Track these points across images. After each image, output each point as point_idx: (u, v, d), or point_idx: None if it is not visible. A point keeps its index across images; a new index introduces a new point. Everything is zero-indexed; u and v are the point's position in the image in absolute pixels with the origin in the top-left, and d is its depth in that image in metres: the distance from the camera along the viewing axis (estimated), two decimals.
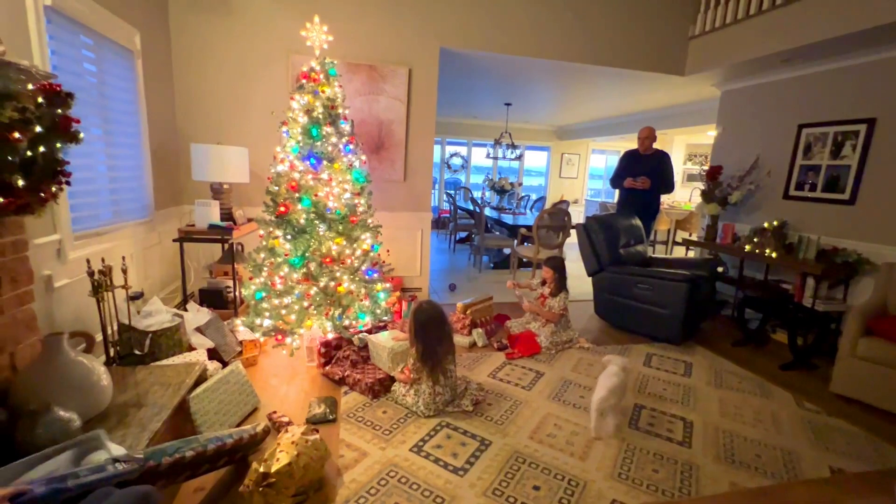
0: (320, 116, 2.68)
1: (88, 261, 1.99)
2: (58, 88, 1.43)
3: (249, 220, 3.20)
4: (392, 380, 2.41)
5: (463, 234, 7.16)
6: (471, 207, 6.68)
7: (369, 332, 2.76)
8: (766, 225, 3.64)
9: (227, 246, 3.11)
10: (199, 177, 2.90)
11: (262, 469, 1.49)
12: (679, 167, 8.17)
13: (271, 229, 2.70)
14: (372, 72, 3.56)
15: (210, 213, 2.84)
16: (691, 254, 5.25)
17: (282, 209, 2.67)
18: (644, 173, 4.19)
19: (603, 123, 7.82)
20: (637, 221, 4.00)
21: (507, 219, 5.99)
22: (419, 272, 4.06)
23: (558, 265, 3.22)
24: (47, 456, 1.21)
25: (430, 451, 1.92)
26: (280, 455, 1.54)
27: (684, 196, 7.64)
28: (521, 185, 9.11)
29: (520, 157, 7.88)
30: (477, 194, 8.14)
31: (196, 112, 3.34)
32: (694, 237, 5.21)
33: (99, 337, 2.12)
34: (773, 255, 3.42)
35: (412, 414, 2.19)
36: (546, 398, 2.44)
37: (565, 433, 2.11)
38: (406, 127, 3.74)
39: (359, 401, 2.30)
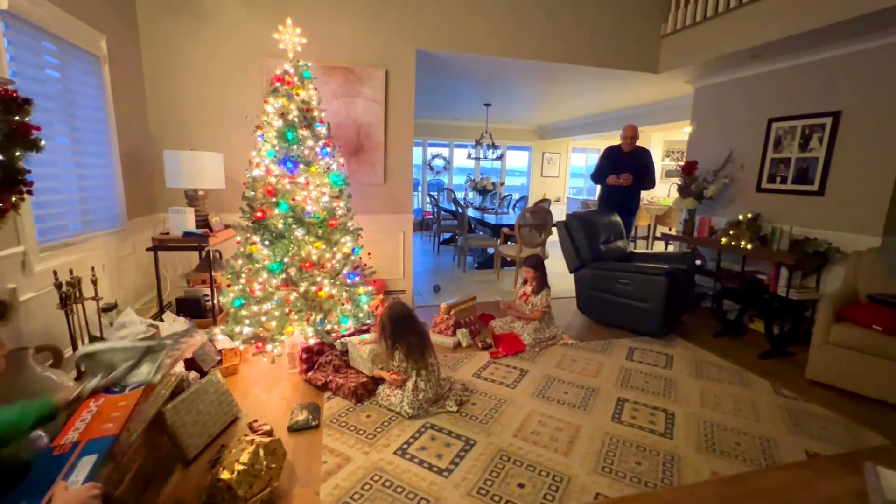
0: (295, 119, 2.65)
1: (55, 272, 1.93)
2: (13, 94, 1.39)
3: (227, 227, 3.14)
4: (375, 383, 2.39)
5: (447, 236, 7.16)
6: (454, 208, 6.68)
7: (352, 335, 2.73)
8: (740, 217, 3.72)
9: (203, 253, 3.05)
10: (174, 184, 2.84)
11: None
12: (657, 163, 8.31)
13: (249, 235, 2.66)
14: (348, 74, 3.54)
15: (185, 221, 2.78)
16: (671, 248, 5.35)
17: (259, 214, 2.63)
18: (626, 170, 4.25)
19: (582, 122, 7.92)
20: (616, 217, 4.06)
21: (490, 219, 6.01)
22: (402, 274, 4.04)
23: (537, 263, 3.24)
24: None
25: (415, 453, 1.91)
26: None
27: (663, 192, 7.77)
28: (503, 184, 9.17)
29: (501, 158, 7.92)
30: (460, 195, 8.16)
31: (169, 118, 3.27)
32: (673, 231, 5.30)
33: (69, 351, 2.05)
34: (748, 246, 3.50)
35: (396, 416, 2.18)
36: (530, 395, 2.44)
37: (549, 430, 2.12)
38: (384, 129, 3.72)
39: (342, 406, 2.28)
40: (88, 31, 2.48)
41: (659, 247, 6.79)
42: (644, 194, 7.93)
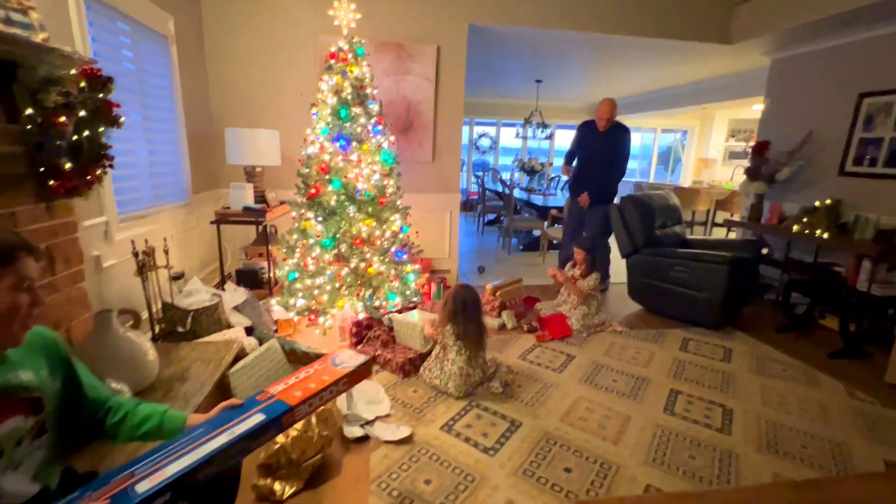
0: (349, 97, 2.67)
1: (133, 242, 2.08)
2: (99, 73, 1.47)
3: (282, 203, 3.26)
4: (422, 359, 2.43)
5: (491, 217, 7.08)
6: (499, 189, 6.58)
7: (399, 312, 2.78)
8: (817, 204, 3.41)
9: (260, 228, 3.18)
10: (234, 160, 2.96)
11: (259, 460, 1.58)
12: (721, 144, 7.75)
13: (303, 211, 2.75)
14: (400, 51, 3.51)
15: (244, 196, 2.90)
16: (732, 235, 5.01)
17: (313, 191, 2.70)
18: (600, 149, 3.70)
19: (637, 99, 7.47)
20: (675, 201, 3.83)
21: (537, 200, 5.87)
22: (448, 254, 4.05)
23: (589, 246, 3.13)
24: None
25: (461, 430, 1.94)
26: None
27: (725, 174, 7.26)
28: (551, 165, 8.89)
29: (550, 137, 7.66)
30: (506, 176, 8.01)
31: (229, 96, 3.40)
32: (736, 218, 4.95)
33: (144, 314, 2.23)
34: (825, 235, 3.21)
35: (441, 394, 2.21)
36: (577, 381, 2.40)
37: (597, 416, 2.08)
38: (434, 107, 3.68)
39: (390, 380, 2.34)
40: (158, 13, 2.59)
41: (718, 234, 6.38)
42: (704, 177, 7.47)
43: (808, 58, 3.76)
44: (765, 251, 3.81)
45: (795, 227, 3.44)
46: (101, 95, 1.50)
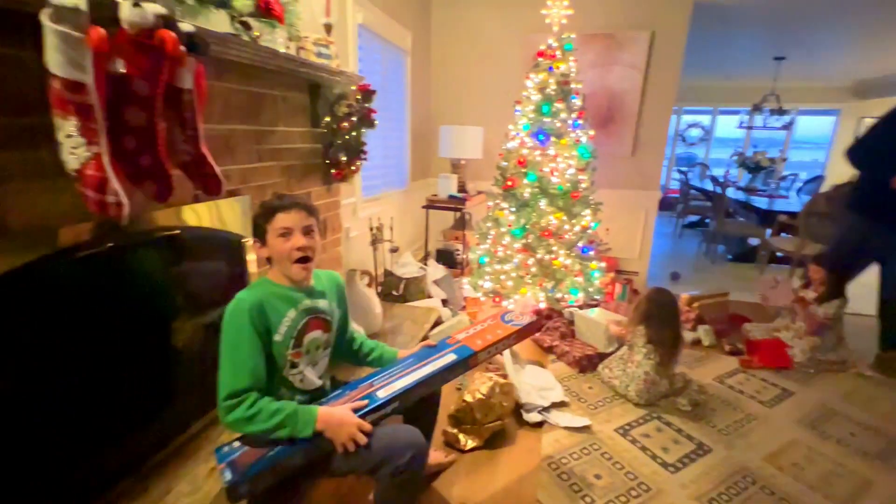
0: (552, 93, 2.75)
1: (370, 219, 2.63)
2: (368, 87, 1.92)
3: (479, 193, 3.58)
4: (600, 357, 2.40)
5: (693, 219, 6.24)
6: (708, 187, 5.73)
7: (580, 308, 2.78)
8: None
9: (459, 214, 3.57)
10: (444, 154, 3.39)
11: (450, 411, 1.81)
12: None
13: (498, 201, 2.97)
14: (608, 41, 3.39)
15: (450, 185, 3.30)
16: None
17: (509, 183, 2.89)
18: None
19: None
20: None
21: (760, 203, 4.91)
22: (638, 255, 3.79)
23: (834, 265, 2.51)
24: None
25: (637, 437, 1.87)
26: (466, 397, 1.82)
27: None
28: (784, 160, 7.24)
29: (788, 126, 6.25)
30: (718, 172, 6.90)
31: (445, 96, 3.88)
32: None
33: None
34: None
35: (619, 396, 2.15)
36: (794, 422, 2.01)
37: (820, 469, 1.72)
38: (640, 97, 3.45)
39: (565, 371, 2.39)
40: (401, 31, 3.14)
41: None
42: None
43: None
44: None
45: None
46: (366, 105, 1.95)
